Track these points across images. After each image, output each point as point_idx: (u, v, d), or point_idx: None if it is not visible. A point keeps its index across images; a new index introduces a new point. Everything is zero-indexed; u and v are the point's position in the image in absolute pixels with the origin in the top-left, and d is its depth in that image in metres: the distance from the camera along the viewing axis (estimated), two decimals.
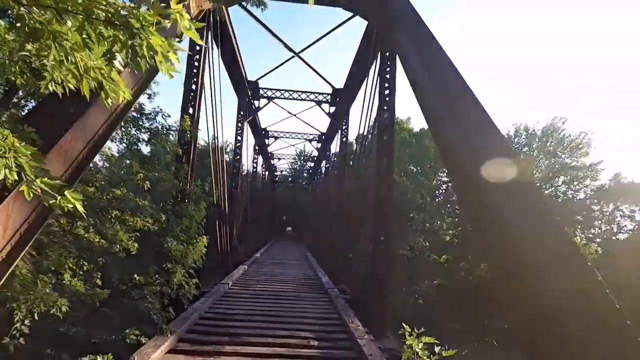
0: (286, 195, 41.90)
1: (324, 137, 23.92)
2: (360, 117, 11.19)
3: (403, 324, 3.70)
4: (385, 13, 7.95)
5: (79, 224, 4.98)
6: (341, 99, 15.87)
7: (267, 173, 34.44)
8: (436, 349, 3.44)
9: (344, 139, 17.29)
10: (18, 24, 1.38)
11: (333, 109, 16.98)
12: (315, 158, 33.29)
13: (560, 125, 28.58)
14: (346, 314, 6.19)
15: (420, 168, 26.53)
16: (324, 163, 27.77)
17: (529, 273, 2.90)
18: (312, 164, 36.94)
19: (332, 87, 15.69)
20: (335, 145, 20.45)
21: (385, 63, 8.90)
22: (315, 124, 41.84)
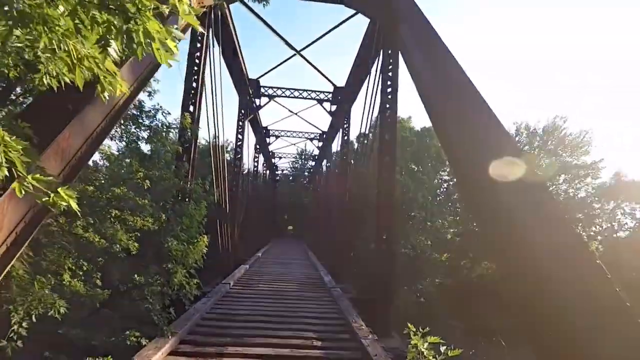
0: (287, 194, 41.80)
1: (325, 136, 23.83)
2: (361, 116, 11.10)
3: (408, 324, 3.63)
4: (389, 11, 7.86)
5: (78, 223, 4.90)
6: (342, 98, 15.77)
7: (268, 172, 34.38)
8: (442, 349, 3.38)
9: (346, 138, 17.19)
10: (5, 7, 1.27)
11: (334, 108, 16.88)
12: (316, 157, 33.21)
13: (561, 124, 28.49)
14: (349, 314, 6.11)
15: (421, 167, 26.46)
16: (325, 162, 27.68)
17: (537, 271, 2.83)
18: (313, 163, 36.87)
19: (334, 85, 15.60)
20: (336, 144, 20.36)
21: (388, 61, 8.79)
22: (316, 122, 41.72)
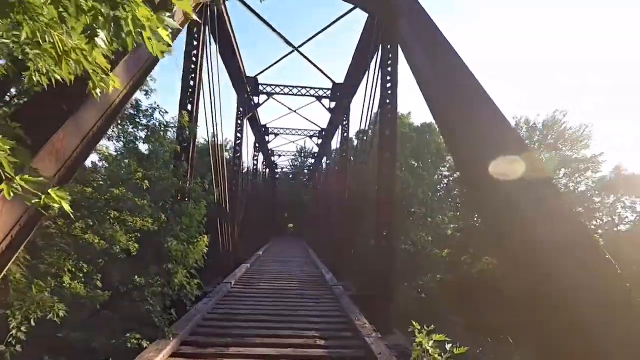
0: (287, 192, 41.72)
1: (324, 133, 23.73)
2: (361, 112, 11.02)
3: (412, 322, 3.59)
4: (387, 5, 7.76)
5: (77, 225, 4.84)
6: (341, 94, 15.68)
7: (268, 170, 34.30)
8: (447, 347, 3.34)
9: (345, 134, 17.11)
10: None
11: (333, 104, 16.79)
12: (315, 154, 33.13)
13: (561, 118, 28.43)
14: (352, 312, 6.06)
15: (421, 162, 26.40)
16: (325, 159, 27.60)
17: (546, 268, 2.78)
18: (313, 160, 36.78)
19: (332, 82, 15.51)
20: (335, 141, 20.28)
21: (387, 55, 8.71)
22: (315, 119, 41.60)
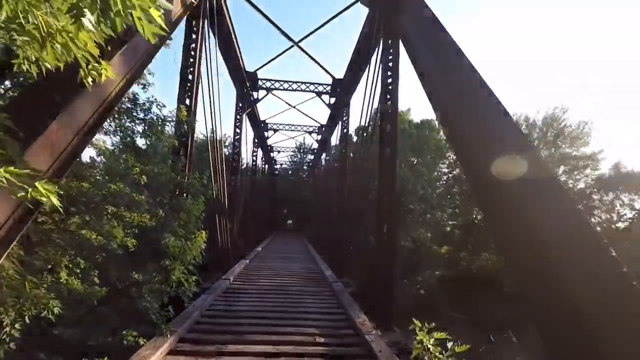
0: (286, 188, 41.60)
1: (324, 129, 23.61)
2: (361, 108, 10.92)
3: (413, 319, 3.53)
4: None
5: (73, 220, 4.76)
6: (341, 90, 15.56)
7: (267, 166, 34.20)
8: (449, 345, 3.28)
9: (345, 130, 17.01)
10: None
11: (333, 100, 16.67)
12: (315, 150, 33.02)
13: (561, 115, 28.35)
14: (352, 309, 6.01)
15: (420, 159, 26.34)
16: (324, 155, 27.50)
17: (551, 267, 2.72)
18: (312, 157, 36.67)
19: (332, 78, 15.37)
20: (335, 137, 20.18)
21: (388, 50, 8.59)
22: (315, 115, 41.47)
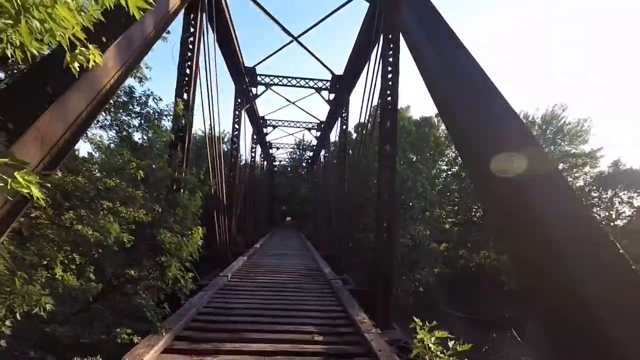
0: (285, 185, 41.54)
1: (323, 126, 23.49)
2: (361, 104, 10.83)
3: (414, 318, 3.47)
4: None
5: (67, 216, 4.67)
6: (341, 86, 15.46)
7: (266, 163, 34.09)
8: (450, 343, 3.22)
9: (344, 127, 16.91)
10: None
11: (332, 96, 16.56)
12: (314, 147, 32.90)
13: (560, 112, 28.32)
14: (351, 307, 5.94)
15: (419, 156, 26.29)
16: (324, 152, 27.40)
17: (559, 265, 2.63)
18: (311, 153, 36.56)
19: (332, 74, 15.28)
20: (335, 134, 20.06)
21: (388, 46, 8.48)
22: (314, 112, 41.34)
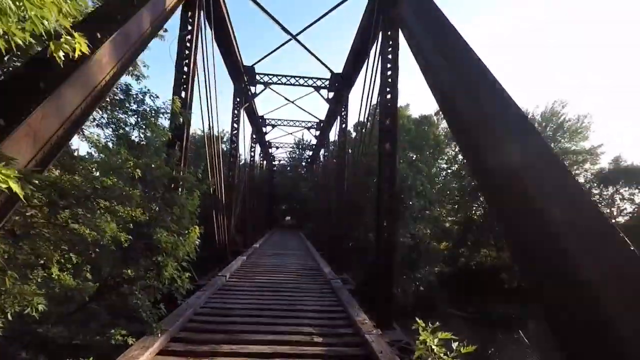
0: (285, 184, 41.40)
1: (322, 124, 23.41)
2: (360, 103, 10.74)
3: (416, 319, 3.40)
4: None
5: (63, 215, 4.59)
6: (340, 84, 15.38)
7: (265, 162, 34.01)
8: (453, 345, 3.14)
9: (344, 126, 16.82)
10: None
11: (332, 95, 16.48)
12: (314, 146, 32.81)
13: (560, 109, 28.24)
14: (351, 307, 5.87)
15: (419, 155, 26.21)
16: (323, 151, 27.32)
17: (567, 261, 2.56)
18: (311, 153, 36.48)
19: (331, 72, 15.20)
20: (334, 133, 19.98)
21: (388, 42, 8.38)
22: (313, 110, 41.25)
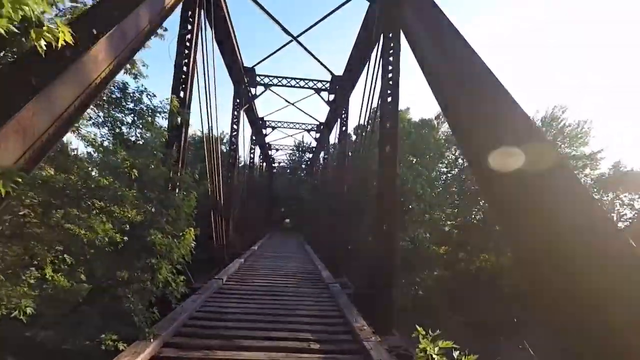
0: (284, 187, 41.28)
1: (322, 127, 23.33)
2: (360, 105, 10.66)
3: (416, 326, 3.30)
4: None
5: (57, 215, 4.49)
6: (341, 86, 15.32)
7: (265, 164, 33.90)
8: (455, 354, 3.04)
9: (344, 128, 16.75)
10: None
11: (332, 97, 16.42)
12: (314, 149, 32.74)
13: (560, 114, 28.19)
14: (350, 312, 5.75)
15: (419, 158, 26.13)
16: (323, 153, 27.23)
17: (574, 265, 2.46)
18: (311, 155, 36.40)
19: (332, 74, 15.14)
20: (334, 135, 19.90)
21: (389, 45, 8.31)
22: (314, 113, 41.21)
